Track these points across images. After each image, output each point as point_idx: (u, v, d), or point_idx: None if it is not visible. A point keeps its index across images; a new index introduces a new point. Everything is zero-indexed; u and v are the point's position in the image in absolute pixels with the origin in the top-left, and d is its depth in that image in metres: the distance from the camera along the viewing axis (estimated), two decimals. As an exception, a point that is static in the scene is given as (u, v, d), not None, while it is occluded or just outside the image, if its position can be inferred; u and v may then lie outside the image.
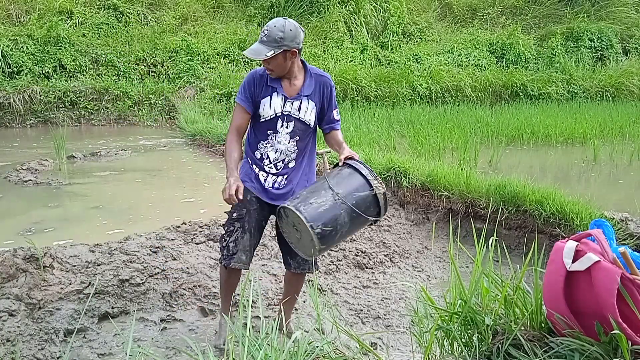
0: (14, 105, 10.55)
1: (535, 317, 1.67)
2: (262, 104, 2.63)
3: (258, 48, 2.51)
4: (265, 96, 2.63)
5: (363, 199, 2.44)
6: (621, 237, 3.87)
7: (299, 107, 2.66)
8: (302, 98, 2.66)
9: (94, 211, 5.19)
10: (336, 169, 2.59)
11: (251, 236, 2.74)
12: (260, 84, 2.64)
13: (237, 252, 2.68)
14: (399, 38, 13.79)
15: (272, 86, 2.62)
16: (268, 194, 2.73)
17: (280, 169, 2.72)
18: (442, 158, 6.64)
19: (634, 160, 7.11)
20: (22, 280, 3.31)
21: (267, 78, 2.63)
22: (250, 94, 2.64)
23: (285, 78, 2.64)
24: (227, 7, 13.81)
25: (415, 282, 3.89)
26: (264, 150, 2.70)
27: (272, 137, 2.68)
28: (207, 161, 7.76)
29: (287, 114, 2.65)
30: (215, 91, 11.22)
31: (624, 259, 1.51)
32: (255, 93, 2.64)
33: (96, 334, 3.03)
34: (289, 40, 2.49)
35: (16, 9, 12.12)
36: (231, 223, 2.75)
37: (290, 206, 2.38)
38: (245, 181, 2.72)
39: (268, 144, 2.69)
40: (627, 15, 15.11)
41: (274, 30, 2.48)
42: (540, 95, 12.34)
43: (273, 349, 1.61)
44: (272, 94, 2.62)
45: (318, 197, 2.39)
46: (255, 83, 2.64)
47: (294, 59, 2.57)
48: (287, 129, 2.67)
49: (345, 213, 2.39)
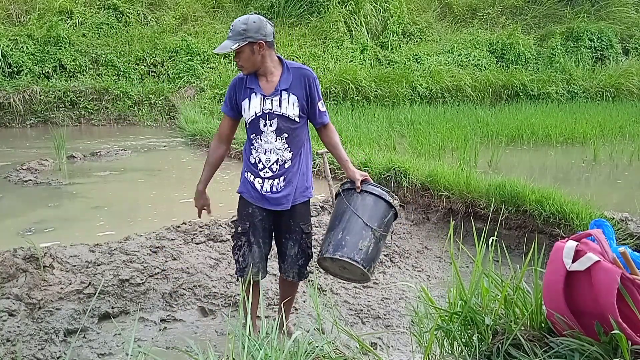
0: (14, 105, 10.56)
1: (535, 317, 1.67)
2: (243, 107, 2.64)
3: (224, 43, 2.54)
4: (244, 98, 2.63)
5: (390, 221, 2.68)
6: (621, 237, 3.87)
7: (279, 102, 2.61)
8: (280, 92, 2.60)
9: (94, 211, 5.19)
10: (356, 197, 2.67)
11: (259, 247, 2.72)
12: (240, 87, 2.65)
13: (246, 265, 2.70)
14: (399, 38, 13.79)
15: (250, 87, 2.61)
16: (267, 200, 2.69)
17: (276, 170, 2.66)
18: (442, 158, 6.64)
19: (634, 160, 7.11)
20: (22, 280, 3.31)
21: (246, 80, 2.63)
22: (230, 100, 2.67)
23: (261, 75, 2.62)
24: (227, 7, 13.81)
25: (415, 282, 3.89)
26: (255, 154, 2.68)
27: (259, 138, 2.65)
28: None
29: (268, 112, 2.61)
30: (215, 91, 11.22)
31: (624, 259, 1.51)
32: (236, 97, 2.66)
33: (96, 334, 3.03)
34: (253, 32, 2.51)
35: (16, 9, 12.12)
36: (238, 237, 2.74)
37: (345, 258, 2.53)
38: (243, 192, 2.74)
39: (256, 147, 2.67)
40: (627, 15, 15.11)
41: (237, 24, 2.54)
42: (540, 95, 12.34)
43: (273, 349, 1.61)
44: (251, 95, 2.62)
45: (362, 239, 2.56)
46: (235, 87, 2.66)
47: (263, 52, 2.55)
48: (271, 127, 2.62)
49: (383, 241, 2.65)
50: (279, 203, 2.68)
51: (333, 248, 2.56)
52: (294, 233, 2.76)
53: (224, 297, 3.48)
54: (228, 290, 3.55)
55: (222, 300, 3.45)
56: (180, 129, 9.86)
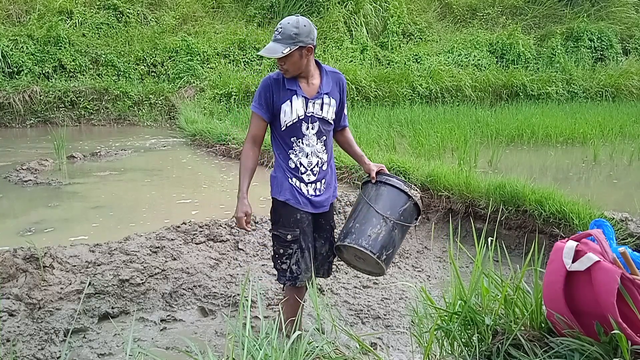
0: (14, 105, 10.56)
1: (535, 317, 1.67)
2: (283, 110, 2.53)
3: (273, 46, 2.42)
4: (284, 101, 2.52)
5: (407, 211, 2.63)
6: (621, 237, 3.86)
7: (321, 106, 2.58)
8: (322, 96, 2.58)
9: (94, 211, 5.19)
10: (372, 188, 2.68)
11: (309, 253, 2.69)
12: (277, 89, 2.53)
13: (300, 273, 2.63)
14: (399, 38, 13.79)
15: (290, 89, 2.52)
16: (313, 204, 2.66)
17: (317, 173, 2.64)
18: (442, 158, 6.64)
19: (634, 160, 7.10)
20: (22, 280, 3.31)
21: (283, 81, 2.53)
22: (266, 101, 2.53)
23: (302, 78, 2.55)
24: (227, 7, 13.81)
25: (415, 282, 3.89)
26: (295, 158, 2.60)
27: (299, 142, 2.59)
28: (207, 161, 7.76)
29: (310, 115, 2.57)
30: (215, 91, 11.22)
31: (624, 259, 1.51)
32: (274, 99, 2.52)
33: (96, 334, 3.03)
34: (304, 36, 2.42)
35: (16, 9, 12.12)
36: (287, 245, 2.62)
37: (353, 244, 2.52)
38: (289, 199, 2.61)
39: (297, 151, 2.60)
40: (627, 15, 15.10)
41: (288, 27, 2.41)
42: (540, 95, 12.34)
43: (273, 349, 1.61)
44: (292, 97, 2.53)
45: (373, 227, 2.54)
46: (271, 89, 2.53)
47: (309, 57, 2.49)
48: (313, 130, 2.59)
49: (399, 231, 2.60)
50: (322, 206, 2.68)
51: (343, 236, 2.60)
52: (325, 231, 2.77)
53: (224, 297, 3.48)
54: (228, 290, 3.55)
55: (222, 300, 3.45)
56: (180, 129, 9.87)
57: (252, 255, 4.09)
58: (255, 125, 2.59)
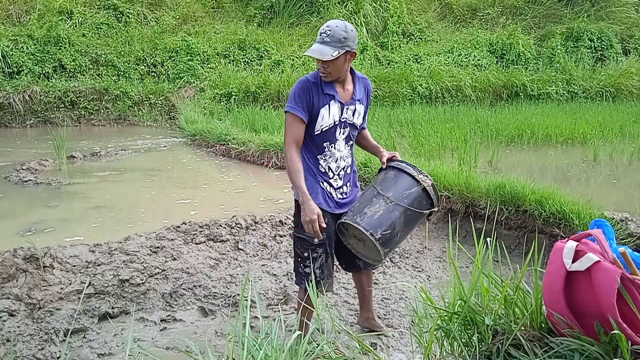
0: (14, 105, 10.57)
1: (535, 317, 1.67)
2: (321, 114, 2.50)
3: (322, 49, 2.37)
4: (323, 105, 2.50)
5: (414, 196, 2.51)
6: (621, 237, 3.86)
7: (353, 111, 2.59)
8: (355, 102, 2.59)
9: (94, 211, 5.20)
10: (381, 173, 2.64)
11: (332, 259, 2.69)
12: (317, 92, 2.49)
13: (323, 278, 2.60)
14: (399, 38, 13.79)
15: (328, 94, 2.50)
16: (340, 206, 2.67)
17: (343, 177, 2.66)
18: (442, 158, 6.64)
19: (634, 160, 7.10)
20: (22, 280, 3.31)
21: (321, 85, 2.50)
22: (306, 103, 2.47)
23: (338, 83, 2.53)
24: (227, 7, 13.81)
25: (415, 282, 3.89)
26: (324, 163, 2.60)
27: (331, 147, 2.58)
28: (207, 161, 7.76)
29: (343, 121, 2.57)
30: (215, 91, 11.22)
31: (624, 259, 1.51)
32: (313, 102, 2.48)
33: (96, 334, 3.03)
34: (351, 41, 2.41)
35: (16, 9, 12.13)
36: (313, 249, 2.59)
37: (348, 221, 2.46)
38: (321, 203, 2.58)
39: (327, 156, 2.59)
40: (627, 15, 15.11)
41: (337, 30, 2.37)
42: (540, 95, 12.34)
43: (273, 349, 1.61)
44: (330, 102, 2.50)
45: (371, 206, 2.47)
46: (311, 92, 2.48)
47: (350, 62, 2.49)
48: (343, 135, 2.60)
49: (400, 214, 2.46)
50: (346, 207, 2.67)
51: (344, 217, 2.54)
52: None
53: (224, 297, 3.48)
54: (228, 290, 3.55)
55: (222, 300, 3.45)
56: (180, 129, 9.87)
57: (252, 255, 4.09)
58: (296, 127, 2.49)
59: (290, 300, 3.47)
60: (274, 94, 10.99)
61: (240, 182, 6.57)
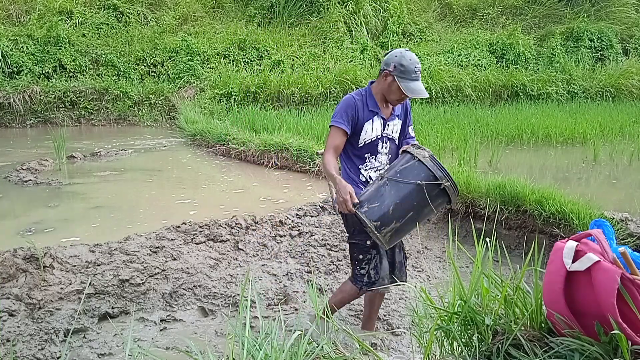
0: (14, 105, 10.57)
1: (535, 317, 1.67)
2: (365, 129, 2.70)
3: (423, 88, 2.63)
4: (367, 120, 2.70)
5: (408, 168, 2.48)
6: (621, 237, 3.86)
7: (393, 127, 2.78)
8: (395, 118, 2.78)
9: (94, 211, 5.19)
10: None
11: (386, 260, 2.79)
12: (363, 108, 2.70)
13: (378, 279, 2.73)
14: (399, 38, 13.79)
15: (372, 110, 2.70)
16: None
17: None
18: (442, 158, 6.63)
19: (634, 160, 7.10)
20: (22, 280, 3.31)
21: (366, 102, 2.71)
22: (352, 118, 2.68)
23: (382, 100, 2.72)
24: (227, 7, 13.81)
25: (415, 282, 3.88)
26: (365, 173, 2.76)
27: (372, 159, 2.76)
28: (207, 161, 7.76)
29: (385, 135, 2.75)
30: (215, 91, 11.22)
31: (624, 259, 1.51)
32: (358, 117, 2.68)
33: (96, 334, 3.02)
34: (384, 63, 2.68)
35: (16, 9, 12.13)
36: (366, 251, 2.73)
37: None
38: None
39: (368, 166, 2.76)
40: (627, 15, 15.10)
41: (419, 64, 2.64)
42: (540, 95, 12.33)
43: (273, 349, 1.61)
44: (373, 118, 2.70)
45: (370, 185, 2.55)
46: (356, 107, 2.69)
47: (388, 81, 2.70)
48: (385, 149, 2.77)
49: (391, 187, 2.44)
50: None
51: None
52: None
53: (224, 297, 3.48)
54: (228, 290, 3.55)
55: (222, 300, 3.45)
56: (180, 129, 9.87)
57: (252, 255, 4.09)
58: (338, 137, 2.70)
59: (290, 300, 3.47)
60: (274, 94, 10.99)
61: (240, 182, 6.57)
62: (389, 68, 2.62)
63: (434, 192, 2.48)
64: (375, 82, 2.77)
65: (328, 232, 4.46)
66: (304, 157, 6.73)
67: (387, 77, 2.63)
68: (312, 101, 10.99)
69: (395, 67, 2.60)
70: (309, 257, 4.07)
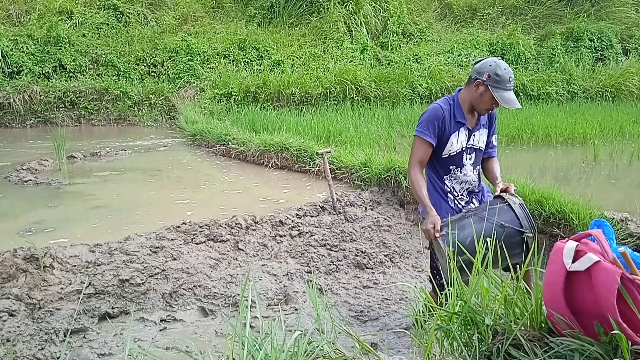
0: (14, 105, 10.57)
1: (535, 317, 1.67)
2: (450, 141, 2.66)
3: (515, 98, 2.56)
4: (453, 132, 2.66)
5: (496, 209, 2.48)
6: (621, 237, 3.86)
7: (478, 137, 2.73)
8: (480, 128, 2.72)
9: (94, 211, 5.19)
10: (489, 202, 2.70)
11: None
12: (449, 120, 2.65)
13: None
14: (399, 38, 13.78)
15: (459, 121, 2.65)
16: None
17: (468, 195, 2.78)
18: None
19: (634, 160, 7.10)
20: (22, 280, 3.31)
21: (453, 113, 2.66)
22: (437, 130, 2.64)
23: (469, 110, 2.68)
24: (227, 7, 13.81)
25: (415, 282, 3.89)
26: (450, 184, 2.75)
27: (457, 170, 2.73)
28: (207, 161, 7.76)
29: (470, 147, 2.71)
30: (215, 91, 11.22)
31: (624, 259, 1.51)
32: (445, 129, 2.64)
33: (96, 334, 3.03)
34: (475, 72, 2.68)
35: (16, 9, 12.13)
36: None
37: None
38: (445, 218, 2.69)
39: (453, 177, 2.73)
40: (627, 15, 15.09)
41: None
42: (540, 95, 12.33)
43: (273, 349, 1.61)
44: (459, 129, 2.67)
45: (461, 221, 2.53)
46: (443, 119, 2.64)
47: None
48: (470, 160, 2.74)
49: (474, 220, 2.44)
50: None
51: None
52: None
53: (224, 297, 3.48)
54: (228, 290, 3.55)
55: (222, 300, 3.45)
56: (180, 129, 9.87)
57: (252, 255, 4.09)
58: (423, 150, 2.66)
59: (290, 300, 3.47)
60: (274, 94, 10.99)
61: (240, 182, 6.57)
62: (481, 77, 2.56)
63: (514, 240, 2.46)
64: (463, 90, 2.69)
65: (328, 232, 4.46)
66: (304, 157, 6.73)
67: (480, 87, 2.56)
68: (312, 101, 10.99)
69: (489, 77, 2.53)
70: (309, 257, 4.07)
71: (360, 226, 4.63)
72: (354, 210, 4.89)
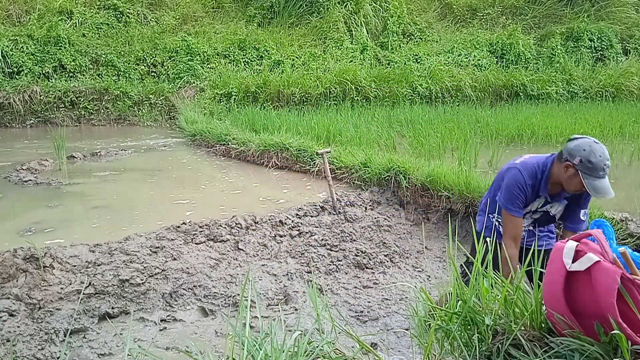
0: (14, 105, 10.57)
1: (535, 317, 1.67)
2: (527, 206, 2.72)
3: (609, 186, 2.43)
4: (532, 201, 2.69)
5: None
6: (621, 237, 3.87)
7: (557, 207, 2.74)
8: (562, 200, 2.71)
9: (94, 211, 5.19)
10: None
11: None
12: (532, 194, 2.65)
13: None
14: (399, 38, 13.78)
15: (540, 195, 2.66)
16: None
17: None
18: (442, 158, 6.63)
19: (634, 160, 7.10)
20: (22, 280, 3.31)
21: (537, 188, 2.64)
22: (522, 202, 2.65)
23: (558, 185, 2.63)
24: (227, 7, 13.81)
25: (415, 282, 3.89)
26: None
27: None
28: (207, 161, 7.76)
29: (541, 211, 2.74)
30: (215, 91, 11.22)
31: (624, 259, 1.51)
32: (527, 201, 2.66)
33: (96, 334, 3.03)
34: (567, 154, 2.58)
35: (16, 9, 12.12)
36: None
37: None
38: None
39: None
40: (627, 15, 15.09)
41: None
42: (540, 95, 12.33)
43: (273, 349, 1.61)
44: (536, 198, 2.69)
45: None
46: (527, 194, 2.65)
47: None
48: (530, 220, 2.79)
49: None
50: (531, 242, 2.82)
51: None
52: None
53: (224, 297, 3.48)
54: (228, 290, 3.55)
55: (222, 300, 3.45)
56: (180, 129, 9.86)
57: (252, 255, 4.09)
58: (516, 225, 2.66)
59: (290, 300, 3.47)
60: (274, 94, 10.99)
61: (240, 182, 6.57)
62: (573, 160, 2.39)
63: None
64: (554, 165, 2.56)
65: (328, 232, 4.46)
66: (303, 157, 6.73)
67: (569, 169, 2.43)
68: (312, 101, 10.99)
69: (581, 162, 2.36)
70: (309, 257, 4.07)
71: (360, 226, 4.63)
72: (354, 210, 4.89)
